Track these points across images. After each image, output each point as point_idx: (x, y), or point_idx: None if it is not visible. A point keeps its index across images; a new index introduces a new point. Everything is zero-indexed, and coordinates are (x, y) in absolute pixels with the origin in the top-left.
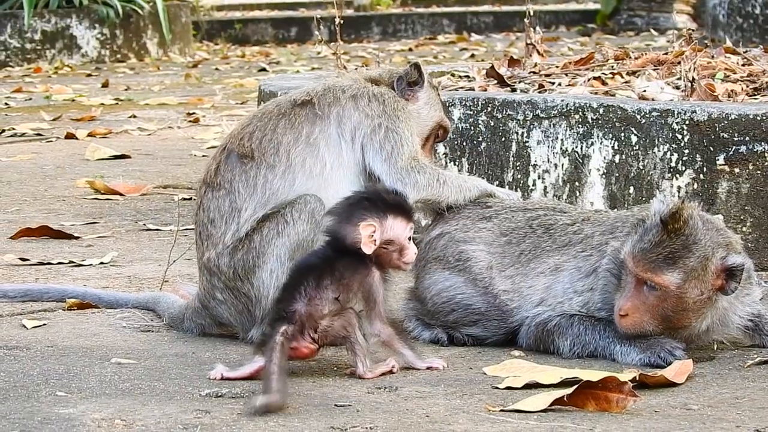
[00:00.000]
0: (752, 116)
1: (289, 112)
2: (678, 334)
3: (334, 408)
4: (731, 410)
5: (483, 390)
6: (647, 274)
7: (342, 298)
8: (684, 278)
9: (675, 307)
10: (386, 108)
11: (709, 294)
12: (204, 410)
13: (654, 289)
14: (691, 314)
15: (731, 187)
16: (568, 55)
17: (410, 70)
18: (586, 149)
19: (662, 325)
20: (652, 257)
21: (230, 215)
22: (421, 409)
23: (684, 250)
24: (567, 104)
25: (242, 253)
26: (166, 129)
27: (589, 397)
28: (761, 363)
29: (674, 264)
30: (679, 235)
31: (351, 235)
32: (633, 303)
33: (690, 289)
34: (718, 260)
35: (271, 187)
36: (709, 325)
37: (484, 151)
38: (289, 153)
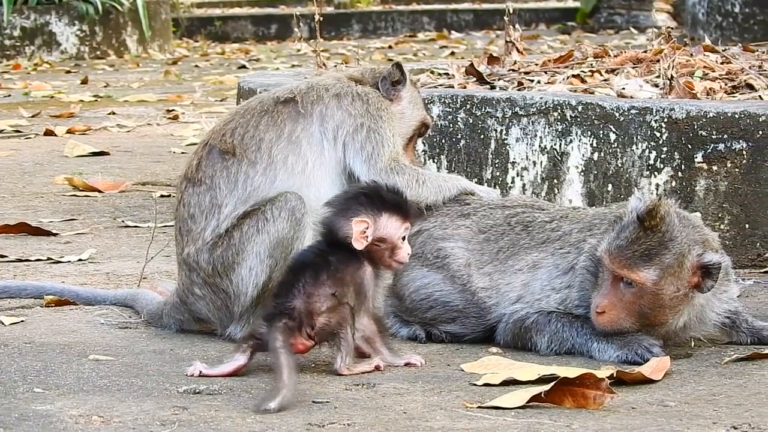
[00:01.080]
0: (730, 114)
1: (272, 109)
2: (655, 331)
3: (312, 405)
4: (708, 407)
5: (461, 387)
6: (624, 270)
7: (338, 293)
8: (660, 275)
9: (651, 303)
10: (370, 108)
11: (685, 291)
12: (182, 407)
13: (630, 286)
14: (668, 311)
15: (709, 184)
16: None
17: (393, 69)
18: (565, 147)
19: (639, 322)
20: (628, 254)
21: (210, 211)
22: (399, 406)
23: (660, 247)
24: (546, 102)
25: (222, 249)
26: (145, 126)
27: (566, 393)
28: (738, 360)
29: (650, 261)
30: (655, 232)
31: (343, 229)
32: (610, 300)
33: (666, 286)
34: (695, 257)
35: (252, 184)
36: (686, 322)
37: (463, 148)
38: (271, 150)
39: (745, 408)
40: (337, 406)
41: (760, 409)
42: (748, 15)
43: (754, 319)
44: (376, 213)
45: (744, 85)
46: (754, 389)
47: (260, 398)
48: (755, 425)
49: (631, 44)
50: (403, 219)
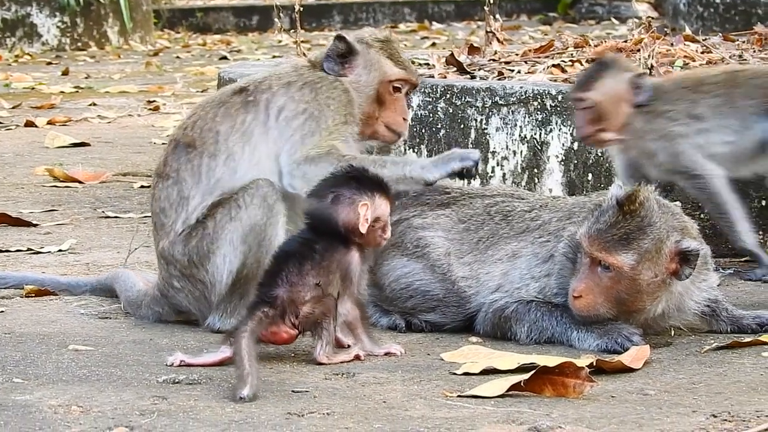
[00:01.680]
0: None
1: (227, 100)
2: (633, 317)
3: (291, 394)
4: (687, 395)
5: (440, 376)
6: (601, 254)
7: (323, 282)
8: (637, 259)
9: (628, 288)
10: (318, 96)
11: (662, 277)
12: (161, 396)
13: (608, 270)
14: (645, 297)
15: None
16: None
17: (335, 44)
18: (545, 136)
19: (616, 307)
20: (606, 237)
21: (179, 204)
22: (379, 395)
23: (638, 232)
24: (526, 91)
25: (196, 240)
26: (126, 117)
27: (546, 382)
28: (718, 348)
29: (628, 245)
30: (634, 216)
31: (346, 217)
32: (587, 284)
33: (643, 271)
34: (673, 244)
35: (215, 175)
36: (665, 310)
37: (443, 137)
38: (227, 141)
39: (725, 396)
40: (317, 395)
41: (740, 398)
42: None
43: (734, 308)
44: (371, 195)
45: None
46: (733, 378)
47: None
48: (735, 413)
49: (612, 34)
50: (390, 196)
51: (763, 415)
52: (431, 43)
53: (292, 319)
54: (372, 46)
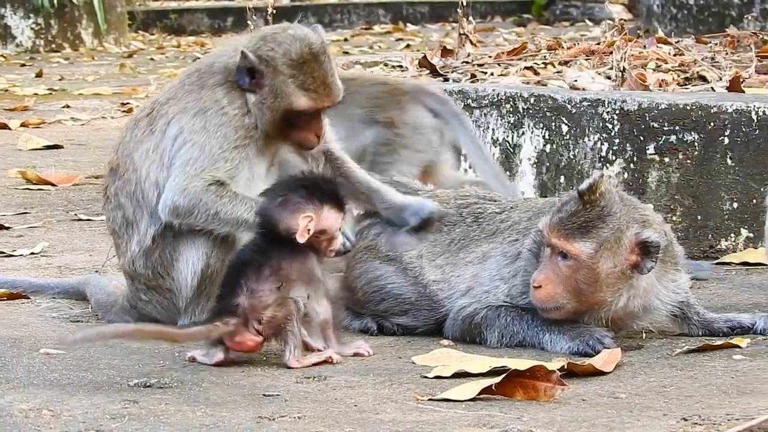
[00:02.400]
0: (682, 106)
1: (137, 123)
2: (596, 312)
3: (262, 398)
4: (658, 398)
5: (412, 379)
6: (560, 242)
7: (283, 287)
8: (596, 248)
9: (587, 278)
10: (207, 123)
11: (622, 268)
12: (132, 400)
13: (567, 259)
14: (605, 287)
15: (661, 176)
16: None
17: (241, 59)
18: (517, 139)
19: (576, 298)
20: (566, 225)
21: (128, 227)
22: (350, 399)
23: (598, 221)
24: (498, 94)
25: (158, 251)
26: (99, 119)
27: (517, 385)
28: (689, 351)
29: (587, 233)
30: (594, 206)
31: (287, 223)
32: (546, 275)
33: (602, 261)
34: (633, 234)
35: (152, 201)
36: (631, 307)
37: None
38: (144, 168)
39: (696, 399)
40: (288, 399)
41: (710, 401)
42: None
43: (706, 311)
44: (318, 206)
45: (696, 77)
46: (704, 381)
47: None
48: (705, 417)
49: (585, 36)
50: (341, 210)
51: (733, 419)
52: (405, 44)
53: (255, 325)
54: (280, 73)
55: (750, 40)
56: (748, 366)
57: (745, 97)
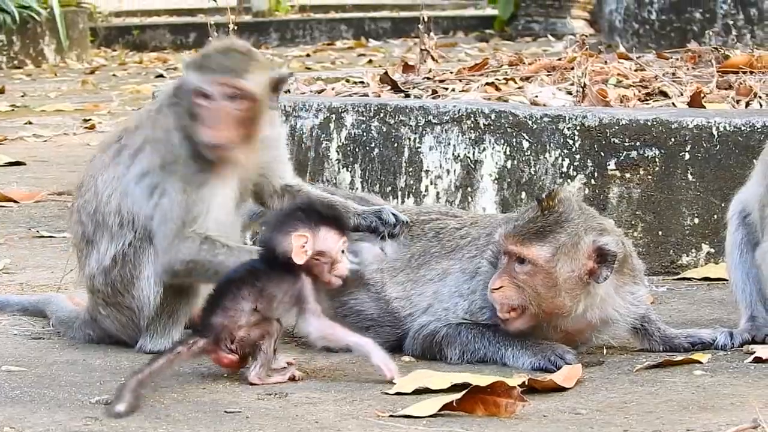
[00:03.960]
0: (642, 121)
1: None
2: (556, 320)
3: (223, 414)
4: (619, 414)
5: (373, 396)
6: (517, 247)
7: (262, 308)
8: (553, 252)
9: (545, 283)
10: (164, 159)
11: (579, 274)
12: (93, 417)
13: (524, 264)
14: (563, 294)
15: (622, 192)
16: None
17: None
18: (478, 155)
19: (535, 303)
20: (523, 231)
21: (87, 244)
22: (311, 415)
23: (555, 226)
24: (459, 110)
25: (117, 269)
26: (62, 135)
27: (478, 401)
28: (650, 367)
29: (544, 238)
30: (552, 212)
31: (282, 245)
32: (503, 279)
33: (560, 266)
34: (590, 241)
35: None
36: (588, 317)
37: (376, 157)
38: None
39: (656, 415)
40: (249, 416)
41: (671, 416)
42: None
43: (667, 327)
44: (314, 227)
45: (657, 92)
46: (665, 396)
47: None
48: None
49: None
50: (341, 232)
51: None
52: (368, 60)
53: (227, 344)
54: (188, 67)
55: (711, 56)
56: (708, 381)
57: (706, 113)
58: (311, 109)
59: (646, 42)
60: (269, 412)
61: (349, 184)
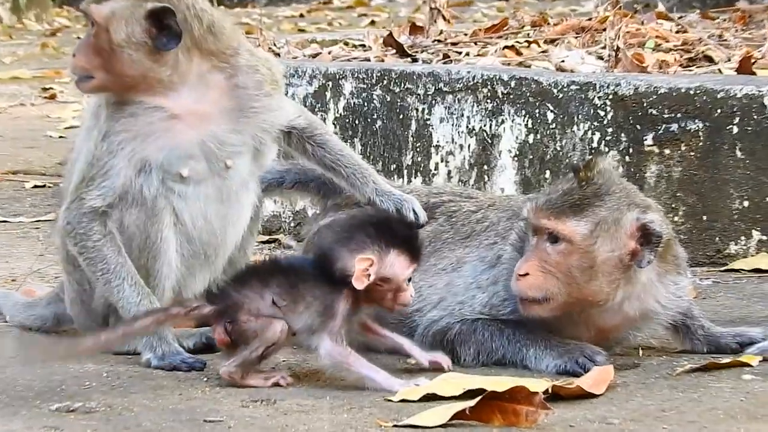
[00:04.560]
0: (684, 90)
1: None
2: (589, 310)
3: (202, 424)
4: (657, 424)
5: (374, 403)
6: (550, 222)
7: (283, 306)
8: (591, 229)
9: (581, 264)
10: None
11: (621, 254)
12: (53, 427)
13: (557, 243)
14: (602, 278)
15: (661, 170)
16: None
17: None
18: (496, 128)
19: (567, 290)
20: (557, 204)
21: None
22: (302, 425)
23: (595, 199)
24: (474, 77)
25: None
26: (17, 106)
27: (494, 410)
28: (692, 371)
29: (582, 212)
30: (590, 184)
31: (343, 263)
32: (532, 262)
33: (599, 245)
34: (634, 218)
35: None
36: (626, 309)
37: (379, 130)
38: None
39: (699, 425)
40: (232, 425)
41: (716, 426)
42: None
43: (712, 325)
44: (384, 249)
45: (702, 57)
46: (709, 404)
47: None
48: None
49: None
50: (413, 259)
51: None
52: (370, 21)
53: (227, 323)
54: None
55: (763, 15)
56: (759, 387)
57: (757, 80)
58: (304, 75)
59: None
60: (255, 420)
61: None
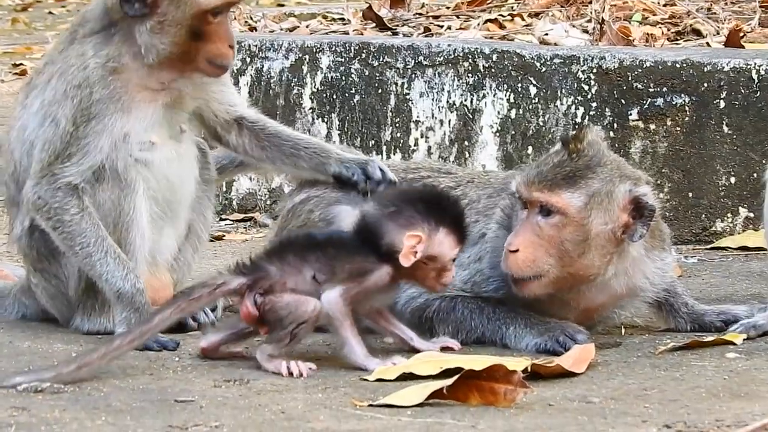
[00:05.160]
0: (670, 63)
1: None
2: (578, 289)
3: (174, 404)
4: (638, 403)
5: (349, 382)
6: (543, 194)
7: (323, 279)
8: (585, 201)
9: (575, 237)
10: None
11: (614, 227)
12: (21, 407)
13: (550, 217)
14: (594, 252)
15: (646, 146)
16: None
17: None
18: (477, 103)
19: (560, 264)
20: (549, 177)
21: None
22: (276, 405)
23: (587, 171)
24: (455, 50)
25: (39, 231)
26: None
27: (472, 388)
28: (675, 349)
29: (575, 184)
30: (581, 156)
31: (391, 239)
32: (524, 236)
33: (593, 217)
34: (626, 190)
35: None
36: (614, 286)
37: (357, 105)
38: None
39: (681, 404)
40: (204, 405)
41: (698, 405)
42: None
43: (696, 303)
44: (434, 227)
45: (690, 31)
46: (691, 383)
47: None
48: (691, 423)
49: None
50: (460, 239)
51: (723, 425)
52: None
53: (258, 295)
54: None
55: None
56: (743, 365)
57: (745, 54)
58: (280, 49)
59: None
60: (227, 401)
61: (325, 137)
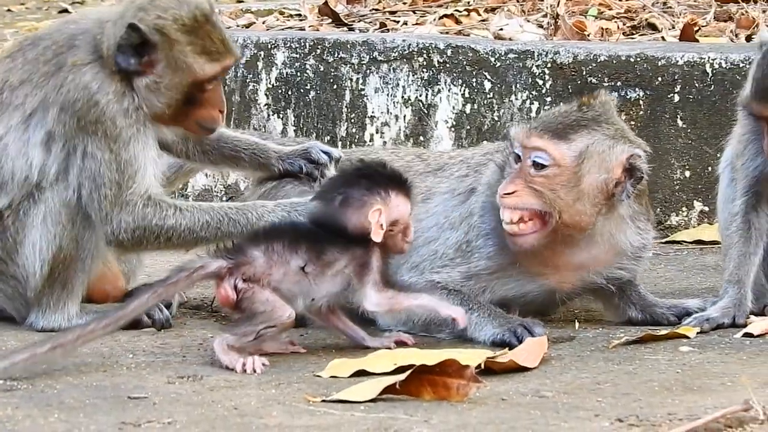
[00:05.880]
0: (624, 57)
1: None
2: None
3: (127, 401)
4: (591, 397)
5: (303, 378)
6: (542, 141)
7: (311, 272)
8: (583, 149)
9: (568, 184)
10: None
11: (607, 181)
12: None
13: (544, 168)
14: (586, 200)
15: None
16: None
17: (128, 33)
18: (432, 98)
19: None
20: (551, 125)
21: None
22: (229, 401)
23: (592, 123)
24: (409, 45)
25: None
26: None
27: (425, 383)
28: (628, 343)
29: (576, 132)
30: (590, 109)
31: (357, 222)
32: (517, 183)
33: (588, 167)
34: (625, 148)
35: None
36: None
37: (312, 100)
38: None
39: (634, 397)
40: (157, 401)
41: (651, 399)
42: None
43: (647, 292)
44: (385, 195)
45: (645, 25)
46: (644, 376)
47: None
48: (644, 417)
49: None
50: (407, 193)
51: (675, 419)
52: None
53: (239, 279)
54: (175, 43)
55: None
56: (696, 359)
57: (699, 47)
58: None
59: None
60: (180, 397)
61: (280, 133)
